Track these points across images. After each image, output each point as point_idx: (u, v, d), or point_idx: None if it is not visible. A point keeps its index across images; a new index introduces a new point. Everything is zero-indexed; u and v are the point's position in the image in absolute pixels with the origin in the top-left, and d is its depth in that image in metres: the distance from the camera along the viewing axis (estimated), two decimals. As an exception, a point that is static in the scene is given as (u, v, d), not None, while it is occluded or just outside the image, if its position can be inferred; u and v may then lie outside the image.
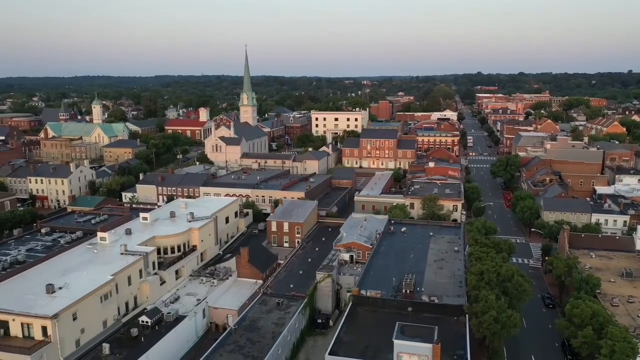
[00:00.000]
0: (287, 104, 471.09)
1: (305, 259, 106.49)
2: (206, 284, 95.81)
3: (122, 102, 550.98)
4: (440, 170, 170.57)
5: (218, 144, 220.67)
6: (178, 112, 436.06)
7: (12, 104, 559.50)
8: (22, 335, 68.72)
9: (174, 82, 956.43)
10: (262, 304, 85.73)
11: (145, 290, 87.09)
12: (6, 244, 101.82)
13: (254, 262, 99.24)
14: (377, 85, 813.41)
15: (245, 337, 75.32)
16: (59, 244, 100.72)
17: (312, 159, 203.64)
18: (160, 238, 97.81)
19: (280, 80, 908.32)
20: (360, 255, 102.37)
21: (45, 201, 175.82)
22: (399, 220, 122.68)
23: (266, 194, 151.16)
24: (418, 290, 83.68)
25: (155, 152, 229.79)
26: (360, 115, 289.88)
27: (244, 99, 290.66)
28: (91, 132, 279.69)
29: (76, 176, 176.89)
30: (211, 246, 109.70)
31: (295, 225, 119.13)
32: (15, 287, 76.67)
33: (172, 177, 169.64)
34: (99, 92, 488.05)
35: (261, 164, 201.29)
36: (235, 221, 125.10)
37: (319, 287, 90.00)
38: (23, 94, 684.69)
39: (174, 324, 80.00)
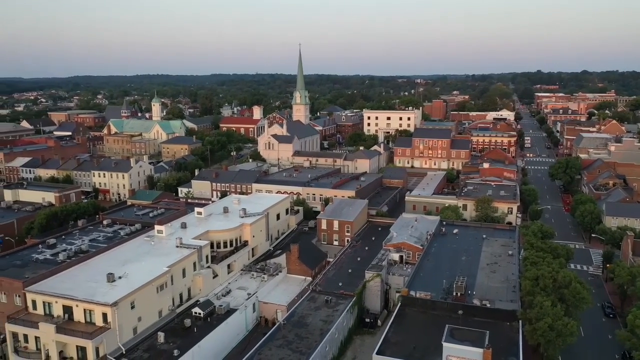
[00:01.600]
0: (340, 102, 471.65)
1: (354, 257, 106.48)
2: (257, 278, 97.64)
3: (180, 100, 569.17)
4: (495, 171, 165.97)
5: (271, 141, 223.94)
6: (232, 110, 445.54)
7: (78, 102, 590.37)
8: (84, 320, 72.51)
9: (229, 81, 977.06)
10: (311, 300, 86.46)
11: (199, 282, 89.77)
12: (71, 234, 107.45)
13: (303, 259, 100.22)
14: (431, 84, 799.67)
15: (294, 332, 76.24)
16: (119, 236, 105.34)
17: (363, 158, 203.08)
18: (213, 232, 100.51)
19: (333, 79, 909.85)
20: (410, 256, 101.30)
21: (107, 194, 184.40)
22: (451, 222, 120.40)
23: (317, 192, 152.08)
24: (469, 293, 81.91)
25: (210, 149, 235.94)
26: (413, 115, 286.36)
27: (296, 98, 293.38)
28: (150, 128, 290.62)
29: (136, 171, 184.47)
30: (262, 242, 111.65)
31: (345, 223, 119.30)
32: (79, 275, 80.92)
33: (226, 173, 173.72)
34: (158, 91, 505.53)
35: (312, 162, 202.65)
36: (286, 218, 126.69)
37: (367, 287, 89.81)
38: (89, 92, 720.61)
39: (225, 317, 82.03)
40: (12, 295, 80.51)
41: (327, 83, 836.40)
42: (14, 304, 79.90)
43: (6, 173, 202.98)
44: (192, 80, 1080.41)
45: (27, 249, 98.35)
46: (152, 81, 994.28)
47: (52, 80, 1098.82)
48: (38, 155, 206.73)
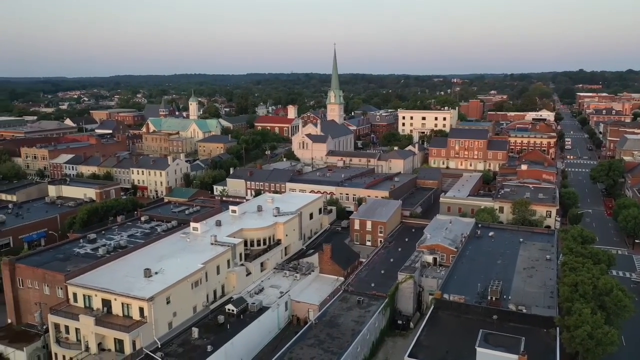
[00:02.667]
0: (374, 102, 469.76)
1: (387, 258, 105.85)
2: (289, 277, 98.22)
3: (216, 99, 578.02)
4: (533, 173, 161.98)
5: (305, 141, 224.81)
6: (267, 109, 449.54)
7: (119, 100, 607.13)
8: (122, 314, 74.53)
9: (265, 80, 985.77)
10: (343, 300, 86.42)
11: (232, 280, 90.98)
12: (110, 229, 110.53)
13: (336, 259, 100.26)
14: (467, 83, 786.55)
15: (326, 332, 76.37)
16: (156, 232, 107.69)
17: (397, 158, 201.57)
18: (247, 231, 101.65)
19: (368, 78, 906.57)
20: (444, 258, 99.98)
21: (145, 191, 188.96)
22: (487, 224, 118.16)
23: (350, 192, 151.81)
24: (504, 298, 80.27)
25: (245, 148, 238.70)
26: (448, 115, 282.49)
27: (331, 97, 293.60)
28: (187, 127, 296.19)
29: (173, 169, 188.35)
30: (295, 241, 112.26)
31: (379, 224, 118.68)
32: (118, 270, 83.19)
33: (260, 172, 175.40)
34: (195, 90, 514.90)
35: (346, 162, 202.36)
36: (319, 218, 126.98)
37: (400, 288, 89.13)
38: (129, 91, 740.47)
39: (258, 314, 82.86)
40: (54, 288, 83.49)
41: (362, 82, 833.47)
42: (56, 296, 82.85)
43: (50, 169, 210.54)
44: (229, 80, 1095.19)
45: (69, 243, 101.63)
46: (190, 80, 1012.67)
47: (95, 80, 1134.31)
48: (80, 152, 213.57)
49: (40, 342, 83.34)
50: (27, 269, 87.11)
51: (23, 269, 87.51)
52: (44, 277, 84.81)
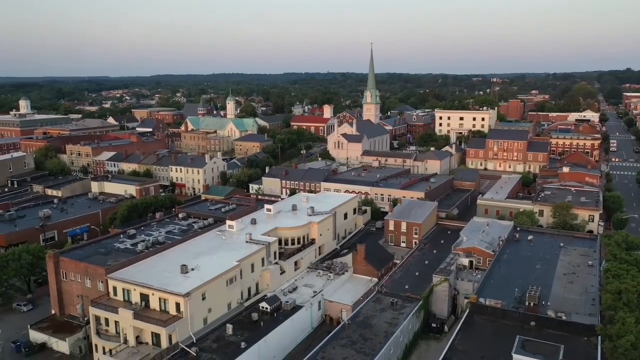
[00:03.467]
0: (411, 102, 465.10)
1: (422, 260, 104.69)
2: (323, 277, 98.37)
3: (253, 99, 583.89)
4: (575, 176, 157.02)
5: (340, 140, 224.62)
6: (303, 108, 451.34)
7: (159, 99, 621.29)
8: (159, 308, 76.28)
9: (301, 80, 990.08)
10: (376, 302, 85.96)
11: (266, 278, 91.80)
12: (149, 225, 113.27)
13: (370, 260, 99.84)
14: (507, 83, 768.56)
15: (358, 333, 76.14)
16: (193, 229, 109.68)
17: (434, 159, 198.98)
18: (281, 229, 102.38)
19: (405, 78, 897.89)
20: (481, 262, 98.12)
21: (183, 188, 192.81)
22: (526, 228, 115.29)
23: (385, 192, 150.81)
24: (543, 304, 78.08)
25: (280, 147, 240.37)
26: (487, 115, 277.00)
27: (367, 97, 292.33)
28: (225, 126, 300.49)
29: (210, 167, 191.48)
30: (329, 241, 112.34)
31: (414, 225, 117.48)
32: (156, 265, 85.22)
33: (296, 171, 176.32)
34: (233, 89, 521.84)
35: (382, 162, 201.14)
36: (353, 218, 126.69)
37: (435, 291, 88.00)
38: (169, 90, 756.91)
39: (291, 313, 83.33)
40: (96, 281, 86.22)
41: (399, 82, 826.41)
42: (97, 289, 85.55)
43: (94, 166, 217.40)
44: (265, 79, 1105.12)
45: (110, 238, 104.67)
46: (228, 80, 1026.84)
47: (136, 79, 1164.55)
48: (122, 150, 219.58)
49: (81, 333, 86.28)
50: (70, 262, 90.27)
51: (67, 262, 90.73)
52: (86, 271, 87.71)
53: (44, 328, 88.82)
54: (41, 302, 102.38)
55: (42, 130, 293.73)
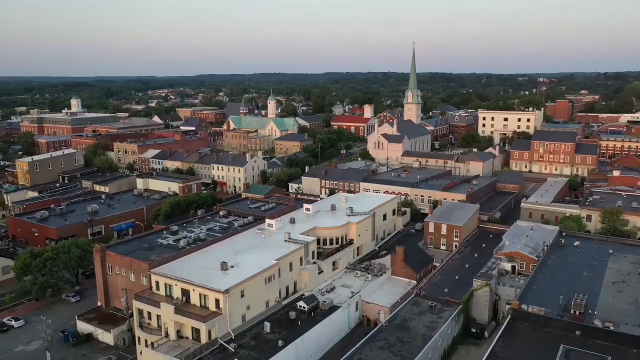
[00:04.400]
0: (453, 102, 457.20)
1: (462, 264, 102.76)
2: (361, 278, 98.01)
3: (294, 98, 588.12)
4: (627, 180, 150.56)
5: (380, 141, 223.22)
6: (344, 108, 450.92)
7: (202, 99, 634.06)
8: (199, 304, 77.83)
9: (342, 79, 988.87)
10: (415, 304, 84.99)
11: (304, 277, 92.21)
12: (191, 222, 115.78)
13: (408, 262, 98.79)
14: (555, 82, 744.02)
15: (396, 335, 75.47)
16: (233, 227, 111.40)
17: (476, 160, 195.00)
18: (320, 229, 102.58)
19: (448, 77, 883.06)
20: (524, 267, 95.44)
21: (224, 186, 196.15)
22: (572, 233, 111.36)
23: (425, 194, 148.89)
24: (589, 312, 75.23)
25: (320, 147, 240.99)
26: (533, 116, 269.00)
27: (408, 97, 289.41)
28: (266, 125, 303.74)
29: (251, 165, 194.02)
30: (367, 241, 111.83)
31: (454, 228, 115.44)
32: (196, 262, 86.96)
33: (335, 171, 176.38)
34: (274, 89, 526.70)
35: (422, 163, 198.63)
36: (392, 219, 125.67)
37: (475, 295, 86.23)
38: (212, 90, 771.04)
39: (329, 313, 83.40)
40: (139, 275, 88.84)
41: (441, 81, 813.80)
42: (141, 283, 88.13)
43: (139, 163, 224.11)
44: (307, 79, 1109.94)
45: (153, 233, 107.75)
46: (269, 79, 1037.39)
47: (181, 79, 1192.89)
48: (166, 148, 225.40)
49: (125, 326, 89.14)
50: (115, 257, 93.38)
51: (112, 256, 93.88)
52: (130, 265, 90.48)
53: (91, 319, 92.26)
54: (88, 294, 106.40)
55: (91, 128, 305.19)
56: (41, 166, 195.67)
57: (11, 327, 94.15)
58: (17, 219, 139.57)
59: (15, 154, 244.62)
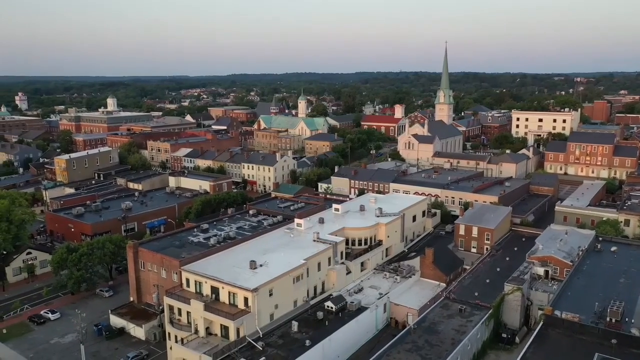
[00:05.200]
0: (486, 102, 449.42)
1: (493, 267, 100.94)
2: (389, 279, 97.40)
3: (324, 98, 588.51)
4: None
5: (411, 141, 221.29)
6: (374, 108, 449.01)
7: (234, 98, 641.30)
8: (228, 302, 78.68)
9: (373, 79, 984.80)
10: (444, 307, 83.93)
11: (332, 277, 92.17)
12: (221, 220, 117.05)
13: (438, 264, 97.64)
14: (593, 82, 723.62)
15: (424, 338, 74.66)
16: (263, 226, 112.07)
17: (509, 162, 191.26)
18: (349, 230, 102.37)
19: (480, 77, 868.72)
20: (557, 272, 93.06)
21: (254, 185, 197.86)
22: (609, 238, 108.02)
23: (456, 195, 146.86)
24: (626, 320, 72.81)
25: (350, 147, 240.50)
26: (569, 116, 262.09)
27: (440, 97, 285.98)
28: (296, 125, 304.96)
29: (280, 165, 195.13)
30: (396, 243, 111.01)
31: (485, 230, 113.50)
32: (226, 260, 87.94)
33: (365, 171, 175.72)
34: (304, 88, 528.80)
35: (453, 164, 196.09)
36: (422, 220, 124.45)
37: (506, 300, 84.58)
38: (243, 89, 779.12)
39: (356, 314, 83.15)
40: (170, 272, 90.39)
41: (474, 81, 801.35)
42: (172, 280, 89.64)
43: (171, 162, 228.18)
44: (337, 79, 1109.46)
45: (184, 231, 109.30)
46: (300, 79, 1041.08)
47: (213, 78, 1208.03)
48: (198, 147, 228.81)
49: (156, 321, 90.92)
50: (148, 253, 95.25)
51: (145, 253, 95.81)
52: (162, 262, 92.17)
53: (123, 314, 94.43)
54: (121, 289, 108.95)
55: (126, 126, 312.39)
56: (78, 163, 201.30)
57: (48, 320, 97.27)
58: (55, 215, 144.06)
59: (54, 151, 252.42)
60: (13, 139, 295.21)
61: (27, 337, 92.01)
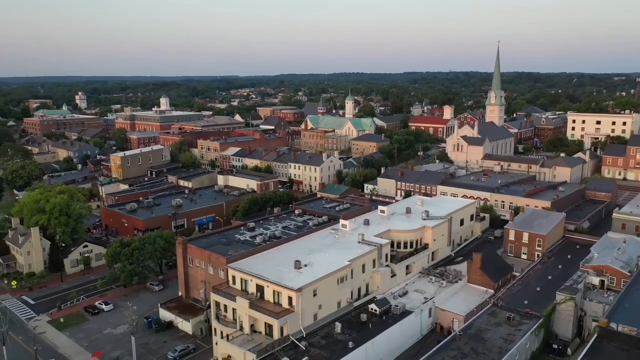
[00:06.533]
0: (540, 103, 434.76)
1: (544, 275, 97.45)
2: (435, 283, 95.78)
3: (372, 98, 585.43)
4: None
5: (460, 143, 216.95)
6: (422, 108, 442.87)
7: (282, 98, 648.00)
8: (272, 301, 79.48)
9: (422, 79, 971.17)
10: (491, 315, 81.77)
11: (377, 280, 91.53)
12: (267, 219, 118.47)
13: (486, 270, 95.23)
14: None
15: (470, 345, 73.00)
16: (308, 226, 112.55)
17: (564, 166, 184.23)
18: (394, 232, 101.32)
19: (534, 77, 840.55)
20: (614, 282, 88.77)
21: (300, 185, 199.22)
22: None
23: (506, 200, 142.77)
24: (690, 337, 68.62)
25: (397, 148, 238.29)
26: (629, 119, 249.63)
27: (491, 98, 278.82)
28: (343, 125, 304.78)
29: (327, 165, 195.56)
30: (443, 247, 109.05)
31: (537, 237, 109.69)
32: (271, 259, 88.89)
33: (412, 173, 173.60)
34: (352, 88, 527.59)
35: (504, 167, 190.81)
36: (470, 224, 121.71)
37: (557, 309, 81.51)
38: (291, 89, 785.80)
39: (400, 318, 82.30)
40: (217, 269, 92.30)
41: (527, 81, 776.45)
42: (218, 277, 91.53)
43: (220, 160, 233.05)
44: (385, 79, 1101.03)
45: (231, 229, 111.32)
46: (347, 79, 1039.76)
47: (262, 78, 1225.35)
48: (246, 146, 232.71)
49: (203, 316, 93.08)
50: (196, 250, 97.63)
51: (193, 249, 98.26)
52: (209, 258, 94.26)
53: (172, 308, 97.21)
54: (170, 283, 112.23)
55: (177, 125, 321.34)
56: (132, 161, 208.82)
57: (102, 311, 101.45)
58: (110, 210, 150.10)
59: (110, 149, 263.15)
60: (73, 137, 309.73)
61: (82, 327, 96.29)
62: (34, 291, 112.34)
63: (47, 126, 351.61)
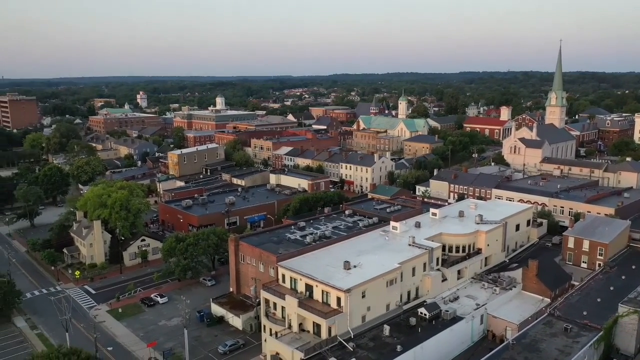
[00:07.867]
0: (605, 104, 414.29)
1: (605, 285, 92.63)
2: (487, 290, 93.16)
3: (426, 98, 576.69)
4: None
5: (517, 145, 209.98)
6: (478, 109, 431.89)
7: (335, 98, 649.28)
8: (321, 300, 79.78)
9: (478, 79, 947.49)
10: (547, 325, 78.59)
11: (427, 283, 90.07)
12: (318, 219, 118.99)
13: (542, 277, 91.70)
14: None
15: (523, 355, 70.45)
16: (358, 226, 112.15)
17: (630, 171, 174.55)
18: (446, 235, 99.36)
19: (599, 77, 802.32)
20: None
21: (351, 185, 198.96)
22: None
23: (566, 205, 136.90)
24: None
25: (451, 149, 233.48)
26: None
27: (552, 99, 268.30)
28: (395, 126, 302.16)
29: (378, 166, 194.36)
30: (497, 252, 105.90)
31: (598, 245, 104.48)
32: (321, 259, 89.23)
33: (465, 175, 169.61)
34: (405, 88, 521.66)
35: (564, 171, 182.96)
36: (526, 230, 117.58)
37: (620, 322, 77.34)
38: (344, 89, 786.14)
39: (451, 323, 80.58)
40: (268, 267, 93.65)
41: (591, 81, 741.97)
42: (268, 275, 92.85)
43: (273, 160, 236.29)
44: (440, 79, 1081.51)
45: (282, 228, 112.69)
46: (401, 79, 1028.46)
47: (315, 78, 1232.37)
48: (298, 145, 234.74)
49: (253, 313, 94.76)
50: (248, 247, 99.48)
51: (245, 247, 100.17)
52: (260, 256, 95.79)
53: (223, 303, 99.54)
54: (222, 279, 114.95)
55: (232, 125, 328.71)
56: (188, 158, 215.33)
57: (157, 303, 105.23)
58: (166, 206, 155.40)
59: (167, 146, 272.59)
60: (133, 135, 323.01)
61: (139, 318, 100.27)
62: (95, 282, 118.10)
63: (110, 124, 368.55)
